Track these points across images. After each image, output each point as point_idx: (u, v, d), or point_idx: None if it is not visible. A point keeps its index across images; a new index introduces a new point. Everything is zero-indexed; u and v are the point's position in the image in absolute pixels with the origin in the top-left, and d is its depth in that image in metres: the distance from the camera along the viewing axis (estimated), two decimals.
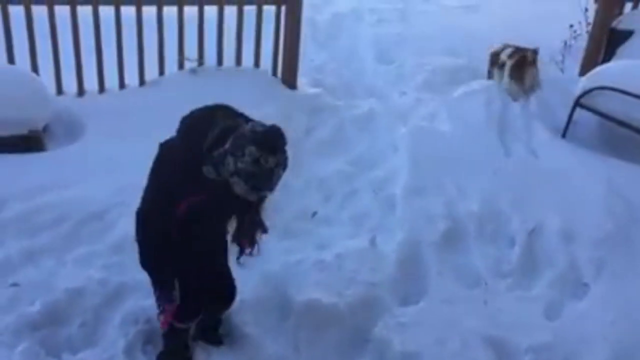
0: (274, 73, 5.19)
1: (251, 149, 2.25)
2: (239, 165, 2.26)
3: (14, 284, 3.08)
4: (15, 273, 3.15)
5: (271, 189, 2.36)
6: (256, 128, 2.30)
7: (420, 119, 4.87)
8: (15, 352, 2.68)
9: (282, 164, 2.33)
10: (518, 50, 5.01)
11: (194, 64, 4.99)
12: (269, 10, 4.97)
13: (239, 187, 2.31)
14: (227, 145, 2.30)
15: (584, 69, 5.16)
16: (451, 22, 6.19)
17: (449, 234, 3.70)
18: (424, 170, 4.18)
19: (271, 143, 2.28)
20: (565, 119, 4.64)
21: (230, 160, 2.28)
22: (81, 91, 4.81)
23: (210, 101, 2.67)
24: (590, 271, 3.46)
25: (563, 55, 5.62)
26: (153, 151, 2.70)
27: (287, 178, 2.92)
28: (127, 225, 3.48)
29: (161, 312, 2.63)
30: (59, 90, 4.76)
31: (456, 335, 3.02)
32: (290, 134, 2.41)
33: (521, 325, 3.08)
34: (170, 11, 4.77)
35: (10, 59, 4.59)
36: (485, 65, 5.32)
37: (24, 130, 4.11)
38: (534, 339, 2.98)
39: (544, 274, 3.47)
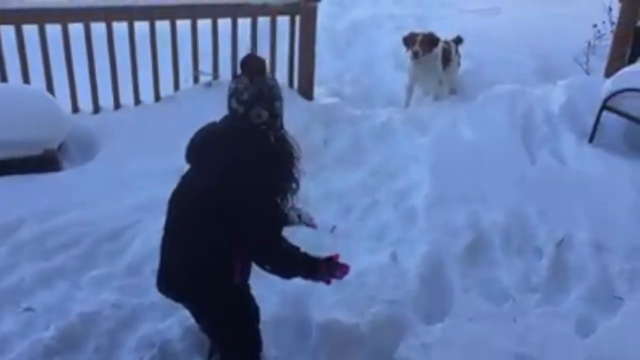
0: (290, 84, 5.10)
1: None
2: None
3: (29, 309, 3.03)
4: (29, 297, 3.11)
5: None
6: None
7: (440, 126, 4.76)
8: None
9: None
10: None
11: (209, 78, 4.93)
12: (283, 21, 4.90)
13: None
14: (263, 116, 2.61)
15: (610, 71, 4.98)
16: (470, 26, 6.05)
17: (473, 247, 3.57)
18: (445, 180, 4.06)
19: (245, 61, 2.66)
20: (592, 122, 4.48)
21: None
22: (96, 108, 4.79)
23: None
24: (623, 284, 3.31)
25: (587, 57, 5.46)
26: (169, 167, 2.62)
27: (306, 190, 2.83)
28: (142, 246, 3.45)
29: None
30: (75, 109, 4.74)
31: (484, 355, 2.88)
32: (307, 145, 2.34)
33: (552, 343, 2.93)
34: (183, 25, 4.72)
35: (26, 79, 4.58)
36: (501, 69, 5.27)
37: (39, 151, 4.08)
38: (566, 359, 2.84)
39: (574, 288, 3.32)
